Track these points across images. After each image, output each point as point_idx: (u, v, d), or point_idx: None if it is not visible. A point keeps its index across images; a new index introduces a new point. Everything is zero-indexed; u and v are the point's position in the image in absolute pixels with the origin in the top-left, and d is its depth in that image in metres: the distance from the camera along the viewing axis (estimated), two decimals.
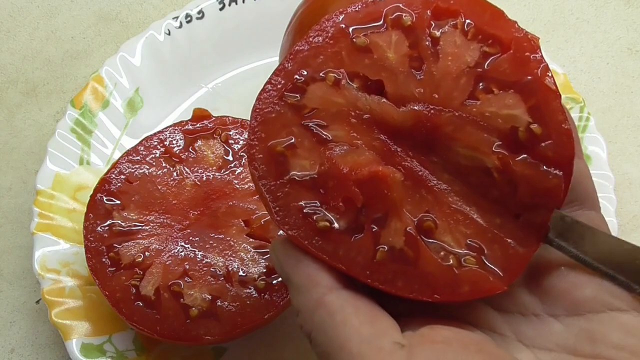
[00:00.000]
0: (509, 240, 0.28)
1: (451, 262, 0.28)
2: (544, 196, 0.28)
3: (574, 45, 0.57)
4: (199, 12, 0.53)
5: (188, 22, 0.53)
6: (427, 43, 0.30)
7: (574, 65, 0.56)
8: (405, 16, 0.31)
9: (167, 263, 0.39)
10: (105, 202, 0.41)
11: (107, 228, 0.40)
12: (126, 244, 0.39)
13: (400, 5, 0.31)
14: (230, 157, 0.43)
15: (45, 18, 0.59)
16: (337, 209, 0.28)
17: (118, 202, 0.41)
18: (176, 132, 0.44)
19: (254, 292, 0.38)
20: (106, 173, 0.42)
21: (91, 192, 0.41)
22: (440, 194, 0.30)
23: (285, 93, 0.30)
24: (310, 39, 0.31)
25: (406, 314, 0.27)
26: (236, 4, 0.54)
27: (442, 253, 0.28)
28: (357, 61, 0.30)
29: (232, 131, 0.44)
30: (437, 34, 0.30)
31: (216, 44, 0.53)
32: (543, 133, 0.28)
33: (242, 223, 0.40)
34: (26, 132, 0.54)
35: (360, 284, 0.27)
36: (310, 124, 0.30)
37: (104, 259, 0.39)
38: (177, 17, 0.53)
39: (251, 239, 0.40)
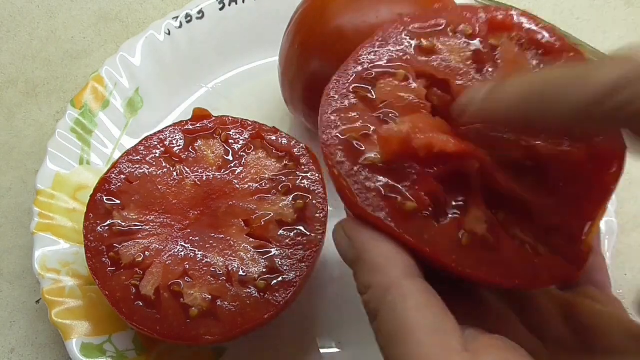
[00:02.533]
0: (573, 230, 0.30)
1: (529, 249, 0.29)
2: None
3: None
4: (199, 12, 0.53)
5: (188, 22, 0.53)
6: (487, 50, 0.33)
7: None
8: (466, 25, 0.33)
9: (167, 263, 0.39)
10: (105, 202, 0.41)
11: (107, 228, 0.40)
12: (126, 243, 0.39)
13: (461, 14, 0.34)
14: (230, 157, 0.43)
15: (45, 18, 0.59)
16: (420, 199, 0.29)
17: (118, 202, 0.41)
18: (176, 132, 0.43)
19: (254, 292, 0.38)
20: (106, 173, 0.42)
21: (91, 192, 0.41)
22: (508, 186, 0.31)
23: (356, 85, 0.32)
24: (378, 39, 0.33)
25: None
26: (236, 4, 0.54)
27: (518, 241, 0.29)
28: (424, 61, 0.33)
29: (232, 131, 0.44)
30: (496, 42, 0.33)
31: (216, 43, 0.53)
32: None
33: (242, 223, 0.40)
34: (26, 132, 0.54)
35: (431, 276, 0.28)
36: (384, 115, 0.31)
37: (104, 259, 0.39)
38: (177, 17, 0.53)
39: (251, 239, 0.39)
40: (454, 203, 0.30)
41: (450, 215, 0.29)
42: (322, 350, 0.42)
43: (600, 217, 0.30)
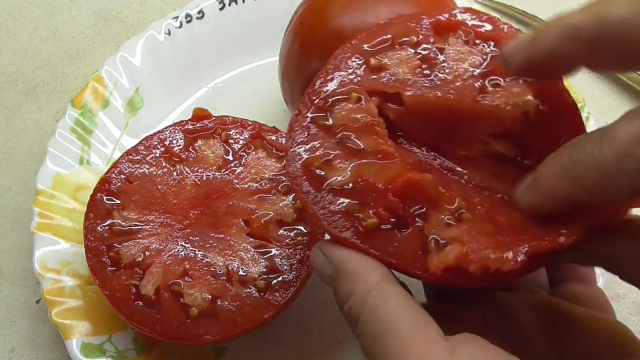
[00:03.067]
0: (527, 226, 0.30)
1: (490, 252, 0.29)
2: None
3: None
4: (199, 12, 0.53)
5: (188, 22, 0.53)
6: (434, 54, 0.34)
7: None
8: (411, 35, 0.34)
9: (167, 263, 0.39)
10: (106, 201, 0.41)
11: (107, 228, 0.40)
12: (126, 243, 0.39)
13: (405, 25, 0.35)
14: (230, 157, 0.43)
15: (46, 18, 0.59)
16: (380, 215, 0.31)
17: (118, 201, 0.41)
18: (176, 131, 0.43)
19: (254, 292, 0.37)
20: (106, 173, 0.42)
21: (91, 192, 0.41)
22: (465, 186, 0.32)
23: (314, 115, 0.34)
24: (329, 68, 0.35)
25: None
26: (236, 3, 0.54)
27: (479, 241, 0.29)
28: (374, 79, 0.34)
29: (232, 131, 0.44)
30: (442, 45, 0.34)
31: (216, 43, 0.54)
32: (552, 111, 0.31)
33: (242, 223, 0.40)
34: (26, 132, 0.54)
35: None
36: (342, 139, 0.33)
37: (104, 259, 0.39)
38: (177, 17, 0.53)
39: (251, 239, 0.39)
40: (415, 212, 0.31)
41: (412, 225, 0.30)
42: (322, 350, 0.42)
43: None
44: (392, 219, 0.31)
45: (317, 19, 0.44)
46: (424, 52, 0.34)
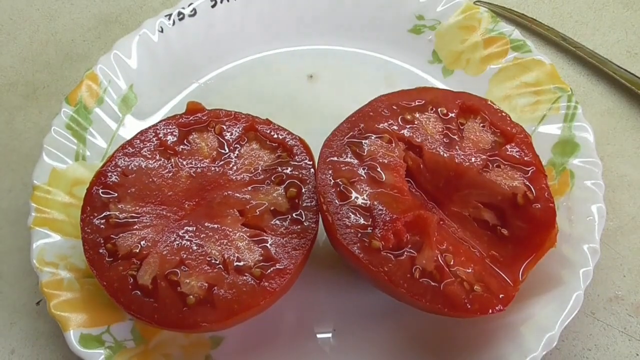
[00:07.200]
0: (502, 274, 0.38)
1: (466, 286, 0.36)
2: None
3: None
4: (191, 10, 0.54)
5: (180, 19, 0.54)
6: (455, 126, 0.42)
7: (572, 68, 0.57)
8: (442, 106, 0.42)
9: (164, 253, 0.39)
10: (102, 194, 0.41)
11: (103, 220, 0.40)
12: (123, 235, 0.40)
13: (440, 96, 0.43)
14: (224, 149, 0.43)
15: (46, 21, 0.60)
16: (387, 238, 0.37)
17: (114, 194, 0.41)
18: (170, 125, 0.44)
19: (249, 280, 0.38)
20: (102, 166, 0.42)
21: (87, 186, 0.41)
22: (455, 234, 0.39)
23: (350, 140, 0.40)
24: (373, 106, 0.41)
25: None
26: (227, 1, 0.55)
27: (459, 279, 0.37)
28: (405, 129, 0.41)
29: (226, 123, 0.44)
30: (463, 121, 0.42)
31: (208, 40, 0.54)
32: (534, 199, 0.39)
33: (237, 213, 0.41)
34: (26, 134, 0.54)
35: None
36: (368, 167, 0.39)
37: (101, 250, 0.39)
38: (169, 15, 0.53)
39: (246, 228, 0.40)
40: (411, 243, 0.37)
41: (406, 252, 0.37)
42: (318, 336, 0.42)
43: (534, 263, 0.39)
44: (392, 244, 0.37)
45: None
46: (448, 122, 0.42)
